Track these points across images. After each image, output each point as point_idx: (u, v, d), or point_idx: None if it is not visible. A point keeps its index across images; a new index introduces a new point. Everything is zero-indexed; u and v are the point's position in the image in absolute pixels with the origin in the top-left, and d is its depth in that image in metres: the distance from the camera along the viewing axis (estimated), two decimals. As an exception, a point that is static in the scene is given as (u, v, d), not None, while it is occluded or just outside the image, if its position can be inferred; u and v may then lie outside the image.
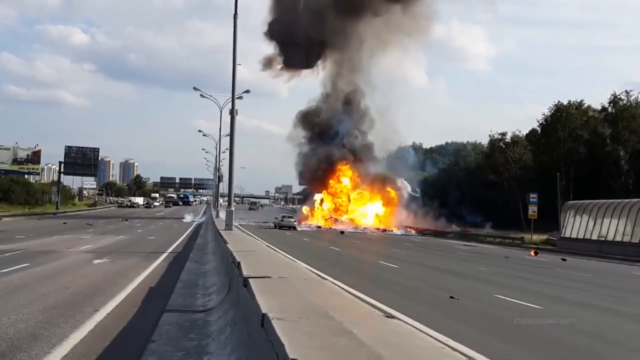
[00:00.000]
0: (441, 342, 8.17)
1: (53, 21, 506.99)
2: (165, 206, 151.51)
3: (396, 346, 4.80)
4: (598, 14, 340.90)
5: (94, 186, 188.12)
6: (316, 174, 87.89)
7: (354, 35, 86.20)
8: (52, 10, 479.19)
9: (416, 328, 7.68)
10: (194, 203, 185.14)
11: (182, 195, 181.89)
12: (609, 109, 69.75)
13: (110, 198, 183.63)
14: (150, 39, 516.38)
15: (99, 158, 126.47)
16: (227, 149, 44.75)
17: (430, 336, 8.26)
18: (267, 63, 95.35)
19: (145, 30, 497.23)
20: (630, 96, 67.98)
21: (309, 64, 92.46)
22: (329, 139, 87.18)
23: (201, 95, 56.97)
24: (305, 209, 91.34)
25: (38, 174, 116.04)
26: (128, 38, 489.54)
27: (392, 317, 7.14)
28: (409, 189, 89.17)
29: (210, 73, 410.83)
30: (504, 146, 79.53)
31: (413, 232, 74.92)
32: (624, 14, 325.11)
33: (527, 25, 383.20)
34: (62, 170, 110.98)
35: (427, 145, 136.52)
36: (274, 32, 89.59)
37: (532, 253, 42.06)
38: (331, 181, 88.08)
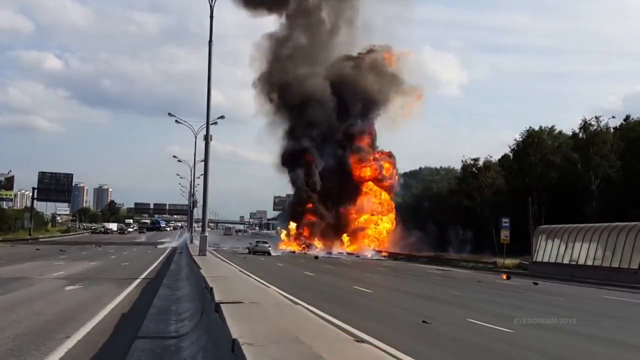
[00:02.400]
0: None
1: (27, 46, 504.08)
2: (140, 232, 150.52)
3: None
4: (567, 41, 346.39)
5: (68, 212, 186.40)
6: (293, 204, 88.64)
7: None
8: (25, 36, 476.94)
9: (387, 352, 7.78)
10: (169, 229, 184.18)
11: (153, 221, 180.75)
12: (580, 135, 70.62)
13: (84, 224, 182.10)
14: (124, 65, 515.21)
15: (73, 184, 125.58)
16: (201, 174, 44.75)
17: (400, 360, 8.38)
18: None
19: (120, 56, 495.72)
20: (600, 122, 68.93)
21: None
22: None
23: (176, 121, 57.08)
24: (283, 234, 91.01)
25: (11, 200, 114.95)
26: (102, 64, 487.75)
27: (363, 341, 7.21)
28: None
29: (185, 99, 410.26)
30: (476, 171, 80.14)
31: (386, 256, 75.10)
32: (591, 41, 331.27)
33: (497, 52, 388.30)
34: (35, 196, 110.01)
35: (400, 170, 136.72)
36: None
37: (505, 277, 42.33)
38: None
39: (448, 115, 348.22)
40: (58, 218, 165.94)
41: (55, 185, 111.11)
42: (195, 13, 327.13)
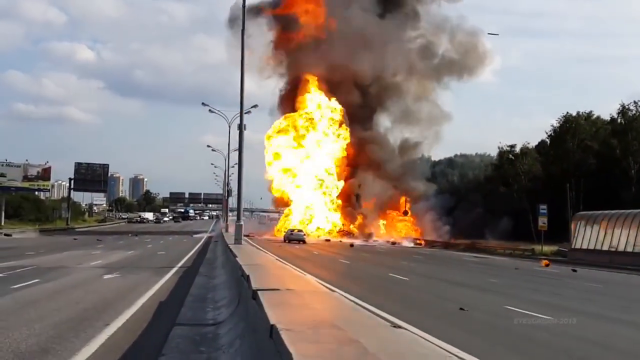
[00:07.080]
0: (448, 351, 8.23)
1: (59, 38, 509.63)
2: (175, 221, 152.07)
3: (401, 354, 4.87)
4: (601, 24, 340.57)
5: (104, 202, 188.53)
6: None
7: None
8: (58, 27, 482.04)
9: (423, 338, 7.73)
10: (205, 217, 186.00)
11: (182, 211, 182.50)
12: (618, 120, 69.61)
13: (120, 214, 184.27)
14: (156, 55, 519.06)
15: (109, 174, 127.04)
16: (236, 163, 44.92)
17: (437, 346, 8.32)
18: None
19: (151, 47, 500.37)
20: (639, 107, 67.81)
21: None
22: None
23: (210, 110, 57.32)
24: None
25: (48, 190, 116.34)
26: (134, 54, 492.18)
27: (399, 327, 7.17)
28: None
29: (217, 88, 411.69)
30: (513, 158, 79.28)
31: (422, 244, 74.76)
32: (626, 24, 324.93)
33: (531, 37, 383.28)
34: (72, 186, 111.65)
35: (435, 157, 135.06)
36: None
37: (544, 264, 41.89)
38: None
39: (483, 101, 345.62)
40: (95, 208, 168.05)
41: (91, 176, 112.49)
42: (226, 1, 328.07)
